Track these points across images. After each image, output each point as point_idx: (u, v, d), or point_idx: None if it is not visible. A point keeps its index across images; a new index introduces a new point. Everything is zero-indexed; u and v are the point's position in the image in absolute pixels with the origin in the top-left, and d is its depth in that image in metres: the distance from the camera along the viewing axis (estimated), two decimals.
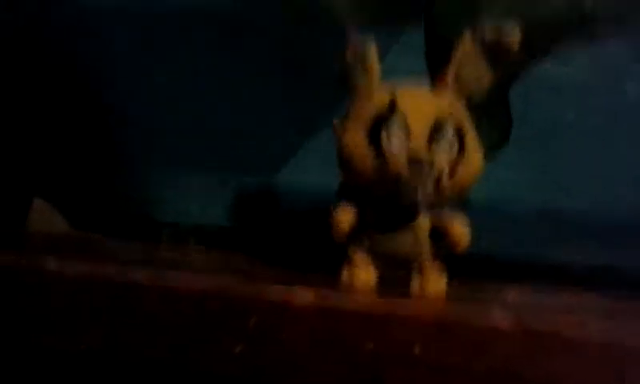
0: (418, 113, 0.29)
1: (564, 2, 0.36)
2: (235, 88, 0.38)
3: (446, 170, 0.29)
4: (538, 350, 0.26)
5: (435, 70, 0.32)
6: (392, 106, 0.29)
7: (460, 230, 0.30)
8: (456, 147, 0.29)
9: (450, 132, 0.29)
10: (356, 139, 0.29)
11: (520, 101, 0.37)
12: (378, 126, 0.29)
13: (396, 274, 0.32)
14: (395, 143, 0.29)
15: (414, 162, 0.28)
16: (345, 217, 0.30)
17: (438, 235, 0.31)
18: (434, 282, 0.31)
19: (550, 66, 0.37)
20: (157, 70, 0.38)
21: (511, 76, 0.37)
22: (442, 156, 0.29)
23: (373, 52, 0.30)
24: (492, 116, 0.37)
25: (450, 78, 0.30)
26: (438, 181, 0.29)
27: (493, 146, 0.38)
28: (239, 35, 0.37)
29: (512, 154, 0.37)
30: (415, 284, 0.31)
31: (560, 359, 0.26)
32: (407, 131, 0.29)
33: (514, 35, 0.30)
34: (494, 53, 0.30)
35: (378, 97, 0.30)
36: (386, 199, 0.30)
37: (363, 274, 0.31)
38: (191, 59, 0.38)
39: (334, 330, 0.27)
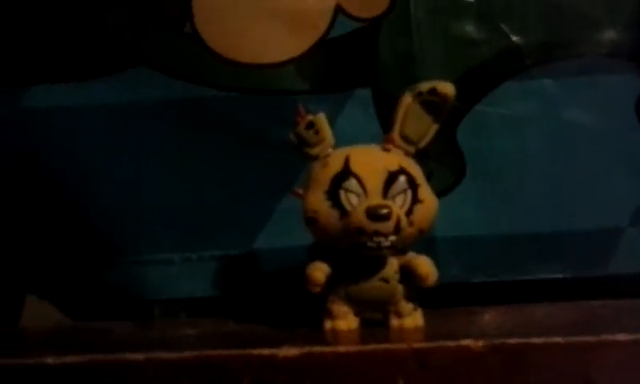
0: (371, 170, 0.33)
1: (493, 50, 0.40)
2: (203, 168, 0.41)
3: (403, 217, 0.32)
4: (509, 365, 0.29)
5: (387, 126, 0.35)
6: (346, 167, 0.32)
7: (426, 267, 0.33)
8: (410, 195, 0.33)
9: (402, 183, 0.33)
10: (318, 202, 0.33)
11: (469, 141, 0.41)
12: (336, 187, 0.32)
13: (375, 317, 0.35)
14: (353, 200, 0.32)
15: (372, 215, 0.31)
16: (317, 273, 0.33)
17: (407, 275, 0.34)
18: (411, 319, 0.34)
19: (488, 107, 0.40)
20: (125, 161, 0.41)
21: (455, 121, 0.40)
22: (397, 205, 0.32)
23: (323, 121, 0.34)
24: (444, 159, 0.41)
25: (395, 134, 0.34)
26: (397, 228, 0.32)
27: (449, 184, 0.42)
28: (200, 117, 0.41)
29: (469, 189, 0.41)
30: (394, 323, 0.34)
31: (529, 369, 0.28)
32: (363, 188, 0.32)
33: (447, 90, 0.33)
34: (433, 107, 0.34)
35: (332, 161, 0.33)
36: (354, 251, 0.33)
37: (343, 323, 0.34)
38: (160, 148, 0.41)
39: (320, 377, 0.29)
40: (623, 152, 0.40)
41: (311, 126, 0.34)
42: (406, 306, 0.33)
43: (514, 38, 0.40)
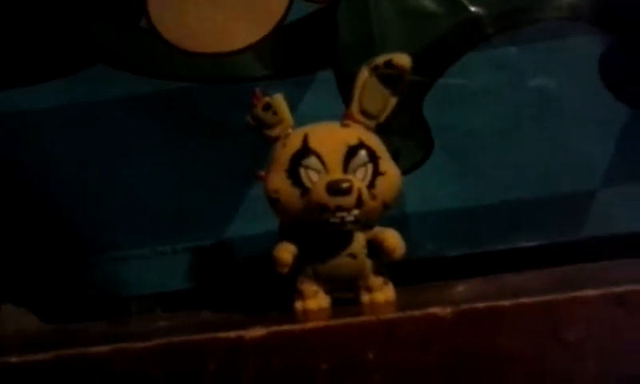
0: (330, 146, 0.32)
1: (453, 22, 0.40)
2: (170, 160, 0.41)
3: (365, 190, 0.32)
4: (477, 329, 0.28)
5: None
6: (305, 145, 0.32)
7: (393, 240, 0.33)
8: (371, 169, 0.32)
9: (362, 156, 0.32)
10: (278, 182, 0.32)
11: (435, 115, 0.40)
12: (295, 166, 0.32)
13: (347, 295, 0.34)
14: (314, 177, 0.32)
15: (333, 189, 0.31)
16: (284, 253, 0.33)
17: (375, 250, 0.34)
18: (382, 293, 0.34)
19: (452, 79, 0.40)
20: (91, 160, 0.41)
21: (420, 95, 0.40)
22: (358, 178, 0.32)
23: (280, 101, 0.34)
24: (411, 134, 0.40)
25: (354, 109, 0.33)
26: (359, 201, 0.31)
27: (419, 159, 0.41)
28: (163, 110, 0.40)
29: (438, 163, 0.40)
30: (365, 299, 0.34)
31: (500, 332, 0.28)
32: (323, 164, 0.32)
33: (403, 62, 0.33)
34: (390, 80, 0.34)
35: (291, 140, 0.33)
36: (318, 229, 0.32)
37: (313, 302, 0.33)
38: (125, 144, 0.41)
39: (288, 358, 0.29)
40: (590, 114, 0.40)
41: (268, 107, 0.33)
42: (376, 281, 0.33)
43: (473, 9, 0.40)
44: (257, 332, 0.29)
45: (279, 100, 0.34)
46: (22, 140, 0.41)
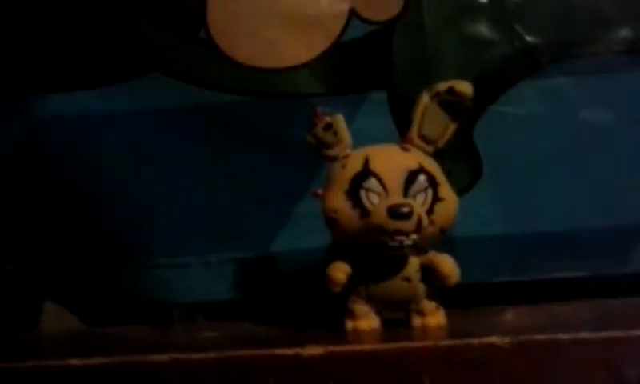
0: (391, 169, 0.33)
1: (508, 51, 0.40)
2: (220, 172, 0.41)
3: (424, 216, 0.32)
4: (535, 360, 0.28)
5: (403, 127, 0.35)
6: (366, 167, 0.33)
7: (448, 266, 0.33)
8: (430, 194, 0.33)
9: (422, 182, 0.33)
10: (338, 202, 0.33)
11: (485, 141, 0.41)
12: (356, 187, 0.32)
13: (397, 317, 0.34)
14: (374, 199, 0.32)
15: (393, 213, 0.31)
16: (339, 273, 0.33)
17: (429, 274, 0.34)
18: (433, 318, 0.34)
19: (504, 107, 0.40)
20: (143, 166, 0.41)
21: (472, 121, 0.40)
22: (418, 203, 0.32)
23: (341, 122, 0.34)
24: (461, 159, 0.41)
25: (414, 134, 0.34)
26: (418, 226, 0.32)
27: (467, 184, 0.42)
28: (216, 122, 0.41)
29: (487, 188, 0.41)
30: (416, 322, 0.34)
31: (556, 365, 0.28)
32: (383, 187, 0.32)
33: (465, 89, 0.34)
34: (451, 107, 0.34)
35: (351, 161, 0.33)
36: (375, 250, 0.33)
37: (364, 322, 0.34)
38: (177, 153, 0.41)
39: (344, 378, 0.29)
40: (638, 148, 0.40)
41: (329, 127, 0.34)
42: (429, 305, 0.33)
43: (529, 38, 0.40)
44: (314, 350, 0.29)
45: (340, 120, 0.34)
46: (77, 142, 0.41)
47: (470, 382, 0.29)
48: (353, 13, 0.40)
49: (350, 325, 0.34)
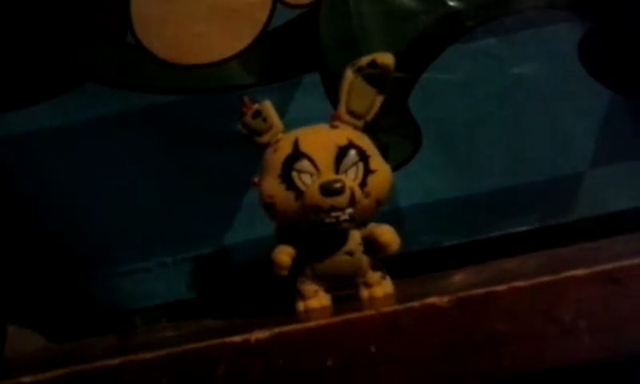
0: (321, 148, 0.33)
1: (433, 18, 0.40)
2: (165, 172, 0.41)
3: (357, 189, 0.33)
4: (473, 315, 0.29)
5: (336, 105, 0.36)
6: (296, 149, 0.33)
7: (387, 235, 0.34)
8: (362, 167, 0.33)
9: (352, 156, 0.33)
10: (273, 187, 0.33)
11: (421, 109, 0.41)
12: (288, 170, 0.33)
13: (348, 292, 0.35)
14: (307, 180, 0.33)
15: (326, 190, 0.32)
16: (282, 256, 0.33)
17: (371, 246, 0.34)
18: (379, 287, 0.35)
19: (436, 74, 0.41)
20: (88, 177, 0.41)
21: (405, 91, 0.41)
22: (350, 178, 0.33)
23: (268, 108, 0.34)
24: (399, 130, 0.41)
25: (341, 110, 0.34)
26: (352, 200, 0.32)
27: (408, 153, 0.42)
28: (156, 123, 0.41)
29: (428, 156, 0.41)
30: (364, 294, 0.34)
31: (496, 316, 0.29)
32: (314, 166, 0.33)
33: (387, 60, 0.34)
34: (375, 79, 0.34)
35: (282, 145, 0.34)
36: (315, 229, 0.33)
37: (315, 301, 0.34)
38: (121, 159, 0.41)
39: (293, 357, 0.30)
40: (573, 98, 0.41)
41: (258, 114, 0.34)
42: (374, 276, 0.34)
43: (452, 3, 0.40)
44: (261, 334, 0.30)
45: (268, 106, 0.34)
46: (15, 162, 0.42)
47: (413, 344, 0.29)
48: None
49: (301, 305, 0.34)
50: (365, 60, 0.34)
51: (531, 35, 0.41)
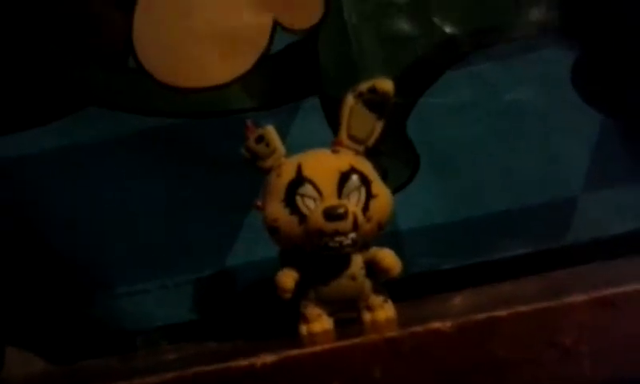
0: (324, 173, 0.34)
1: (430, 43, 0.41)
2: (167, 195, 0.42)
3: (360, 214, 0.33)
4: (476, 339, 0.30)
5: (336, 128, 0.36)
6: (299, 174, 0.34)
7: (389, 259, 0.34)
8: (364, 192, 0.34)
9: (354, 181, 0.34)
10: (277, 211, 0.34)
11: (419, 134, 0.42)
12: (292, 194, 0.33)
13: (350, 316, 0.35)
14: (310, 204, 0.33)
15: (329, 215, 0.32)
16: (286, 279, 0.34)
17: (373, 269, 0.35)
18: (382, 311, 0.35)
19: (433, 98, 0.42)
20: (90, 200, 0.42)
21: (403, 116, 0.42)
22: (353, 203, 0.33)
23: (271, 133, 0.35)
24: (397, 155, 0.42)
25: (343, 136, 0.35)
26: (355, 225, 0.33)
27: (406, 177, 0.43)
28: (157, 146, 0.41)
29: (425, 180, 0.42)
30: (366, 318, 0.35)
31: (498, 340, 0.29)
32: (318, 191, 0.33)
33: (386, 87, 0.35)
34: (375, 105, 0.35)
35: (285, 170, 0.34)
36: (318, 253, 0.34)
37: (318, 325, 0.35)
38: (122, 182, 0.41)
39: (299, 381, 0.30)
40: (567, 122, 0.42)
41: (261, 139, 0.35)
42: (376, 300, 0.34)
43: (448, 29, 0.41)
44: (267, 358, 0.30)
45: (271, 131, 0.35)
46: (16, 185, 0.42)
47: (418, 367, 0.30)
48: (276, 24, 0.41)
49: (304, 329, 0.35)
50: (365, 86, 0.35)
51: (525, 60, 0.41)
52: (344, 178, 0.33)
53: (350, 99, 0.35)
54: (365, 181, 0.34)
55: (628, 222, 0.41)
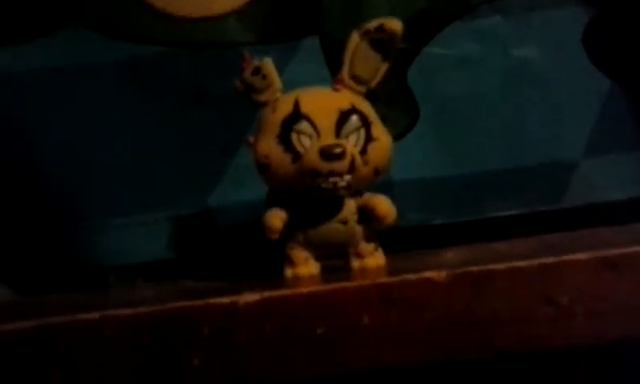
0: (322, 110, 0.32)
1: None
2: (151, 127, 0.40)
3: (357, 156, 0.31)
4: (471, 292, 0.29)
5: (337, 73, 0.35)
6: (296, 109, 0.32)
7: (384, 206, 0.33)
8: (363, 134, 0.32)
9: (354, 121, 0.32)
10: (269, 147, 0.32)
11: (420, 83, 0.40)
12: (287, 131, 0.32)
13: (337, 263, 0.34)
14: (306, 142, 0.31)
15: (326, 154, 0.31)
16: (274, 219, 0.32)
17: (366, 216, 0.33)
18: (372, 259, 0.34)
19: (437, 48, 0.40)
20: (70, 126, 0.39)
21: (405, 64, 0.40)
22: (351, 144, 0.32)
23: (269, 65, 0.33)
24: (396, 102, 0.40)
25: (345, 74, 0.33)
26: (352, 167, 0.31)
27: (403, 127, 0.41)
28: (144, 75, 0.39)
29: (424, 131, 0.40)
30: (355, 265, 0.34)
31: (493, 294, 0.28)
32: (315, 129, 0.32)
33: (395, 26, 0.33)
34: (381, 45, 0.33)
35: (281, 105, 0.32)
36: (310, 194, 0.32)
37: (304, 268, 0.33)
38: (105, 110, 0.39)
39: (282, 323, 0.28)
40: (573, 85, 0.40)
41: (257, 71, 0.33)
42: (367, 247, 0.33)
43: None
44: (250, 297, 0.28)
45: (269, 64, 0.33)
46: None
47: (408, 317, 0.28)
48: None
49: (289, 272, 0.33)
50: (372, 24, 0.33)
51: (536, 18, 0.40)
52: (343, 117, 0.32)
53: (355, 37, 0.33)
54: (365, 122, 0.32)
55: (628, 188, 0.40)
